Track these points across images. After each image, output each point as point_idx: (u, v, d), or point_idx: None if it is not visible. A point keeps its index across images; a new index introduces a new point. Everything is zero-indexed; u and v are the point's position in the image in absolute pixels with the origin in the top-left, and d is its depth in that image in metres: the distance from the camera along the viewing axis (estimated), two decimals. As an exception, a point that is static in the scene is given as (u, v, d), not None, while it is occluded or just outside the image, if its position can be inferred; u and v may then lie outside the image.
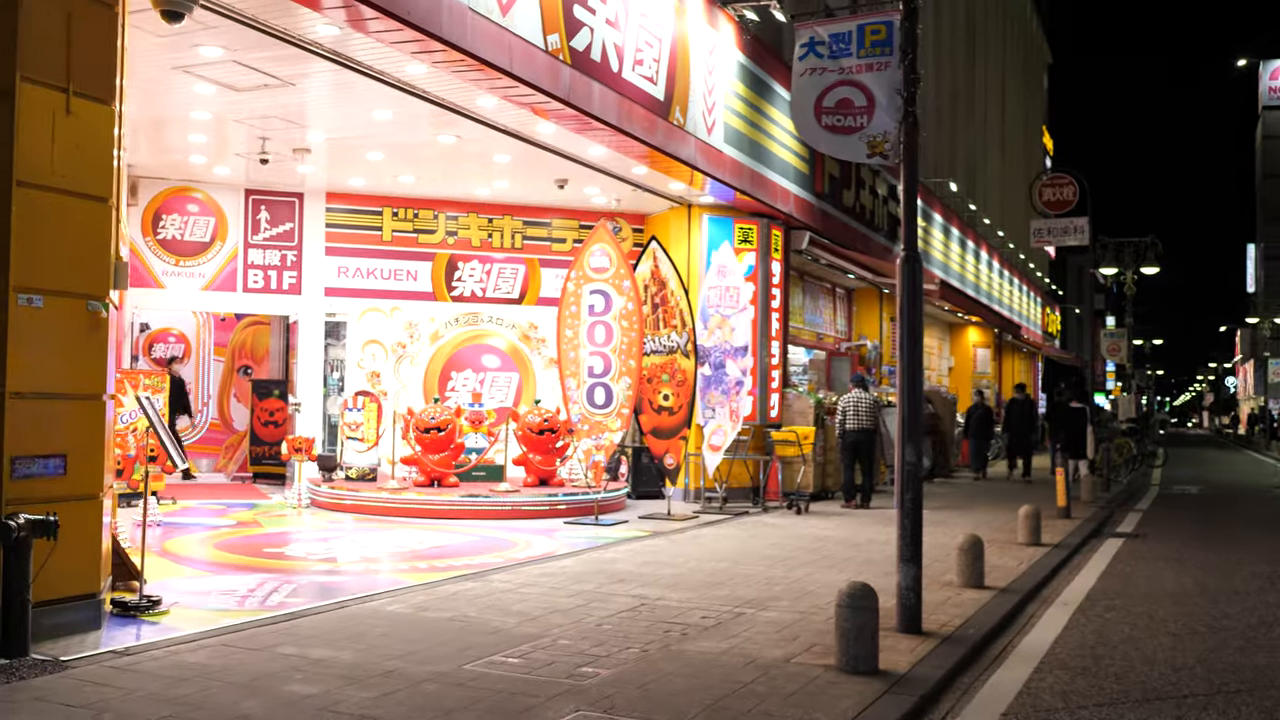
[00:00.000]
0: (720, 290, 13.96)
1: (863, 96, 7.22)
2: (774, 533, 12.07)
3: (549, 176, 14.00)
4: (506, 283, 15.92)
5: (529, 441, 13.86)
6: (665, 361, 13.59)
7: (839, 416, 15.41)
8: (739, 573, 9.19)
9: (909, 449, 6.98)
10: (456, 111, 10.73)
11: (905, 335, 7.07)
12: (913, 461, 6.98)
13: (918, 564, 6.98)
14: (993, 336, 33.96)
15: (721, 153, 13.66)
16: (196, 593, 7.75)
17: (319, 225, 15.05)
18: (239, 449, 17.54)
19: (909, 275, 7.09)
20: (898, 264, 7.15)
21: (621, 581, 8.59)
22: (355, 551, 9.97)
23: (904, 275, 7.11)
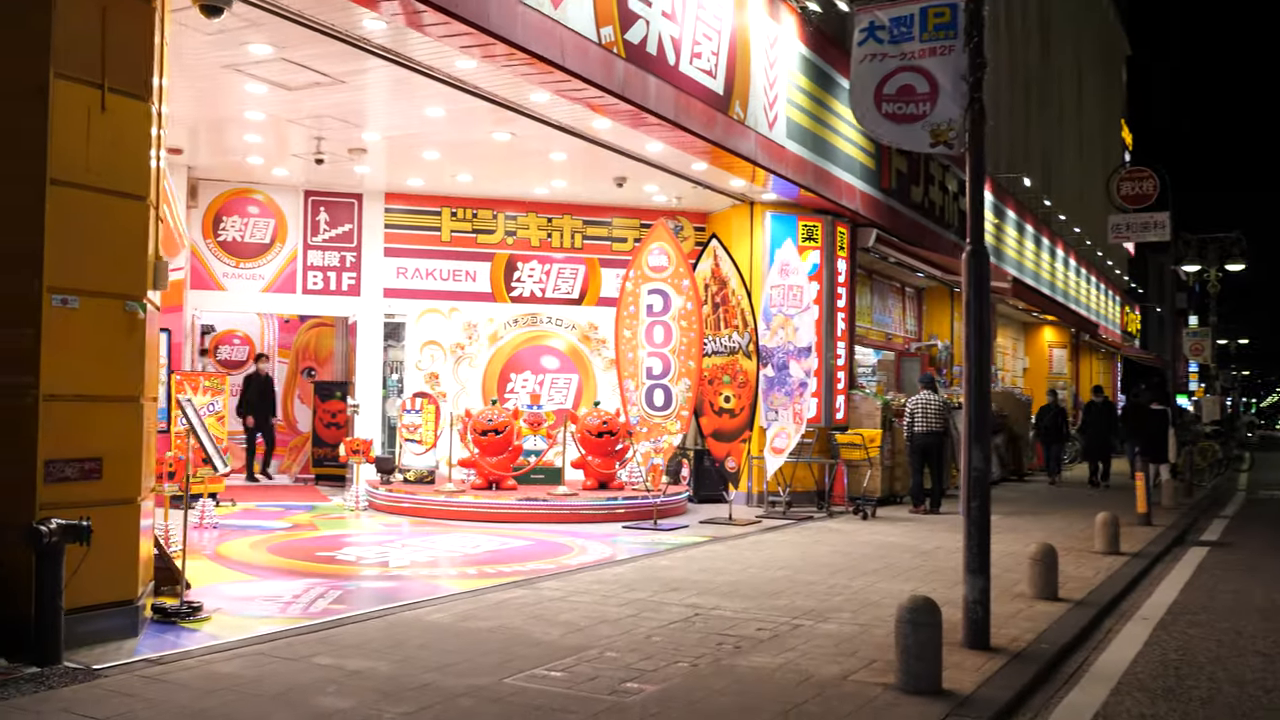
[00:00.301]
0: (783, 289, 13.61)
1: (925, 83, 6.86)
2: (838, 539, 11.69)
3: (607, 174, 13.76)
4: (566, 283, 15.71)
5: (588, 444, 13.64)
6: (726, 362, 13.26)
7: (907, 419, 14.96)
8: (799, 581, 8.85)
9: (975, 452, 6.60)
10: (509, 108, 10.53)
11: (971, 332, 6.69)
12: (979, 466, 6.60)
13: (985, 575, 6.59)
14: (1069, 336, 33.08)
15: (783, 148, 13.30)
16: (241, 598, 7.61)
17: (378, 226, 14.97)
18: (302, 451, 17.53)
19: (974, 270, 6.71)
20: (963, 258, 6.78)
21: (676, 590, 8.30)
22: (407, 556, 9.80)
23: (969, 270, 6.73)
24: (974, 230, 6.79)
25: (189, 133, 12.06)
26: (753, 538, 11.64)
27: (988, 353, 6.72)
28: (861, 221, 16.12)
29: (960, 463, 16.47)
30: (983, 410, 6.65)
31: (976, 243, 6.75)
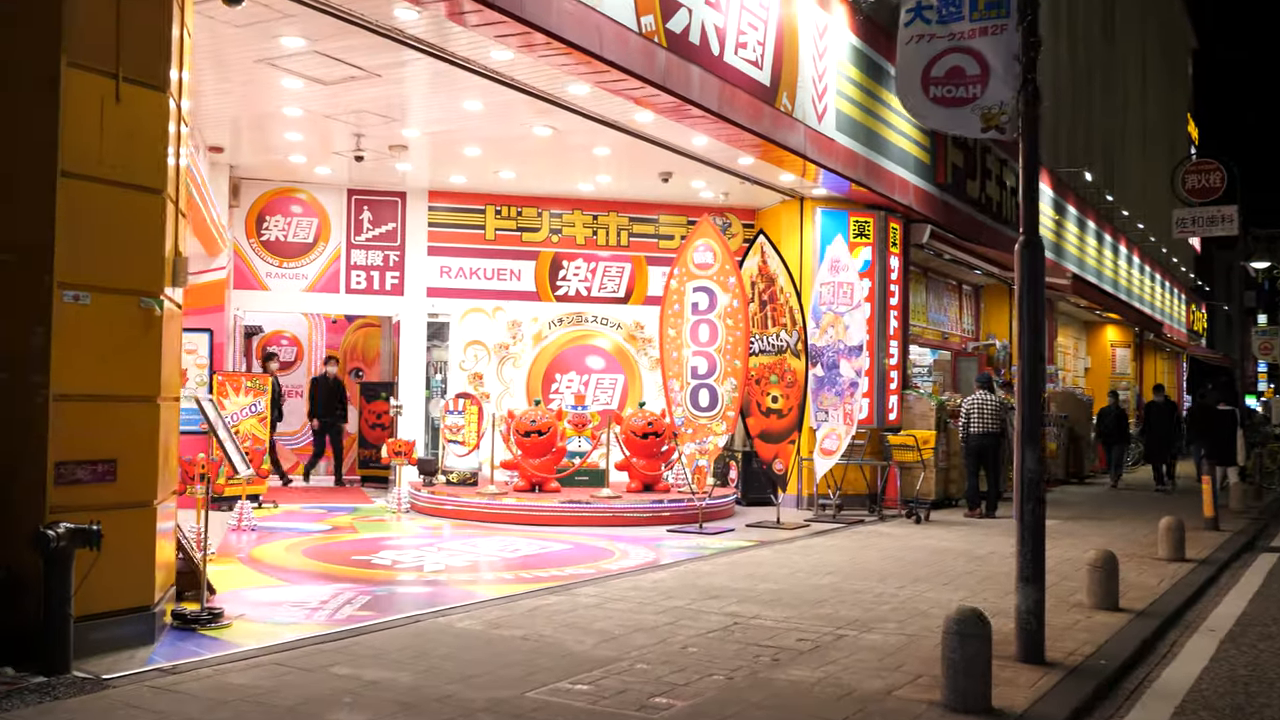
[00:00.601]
0: (833, 286, 13.24)
1: (976, 64, 6.49)
2: (889, 544, 11.30)
3: (652, 170, 13.49)
4: (612, 281, 15.45)
5: (632, 445, 13.36)
6: (774, 362, 12.92)
7: (962, 419, 14.50)
8: (845, 589, 8.50)
9: (1029, 454, 6.22)
10: (549, 100, 10.29)
11: (1024, 329, 6.31)
12: (1033, 469, 6.22)
13: (1040, 585, 6.21)
14: (1133, 335, 32.20)
15: (833, 141, 12.93)
16: (267, 604, 7.43)
17: (421, 224, 14.82)
18: (349, 452, 17.44)
19: (1028, 262, 6.33)
20: (1016, 250, 6.40)
21: (716, 597, 7.99)
22: (443, 560, 9.59)
23: (1022, 262, 6.35)
24: (1028, 220, 6.41)
25: (229, 131, 11.98)
26: (800, 542, 11.29)
27: (1042, 351, 6.34)
28: (915, 217, 15.69)
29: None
30: (1036, 411, 6.27)
31: (1030, 234, 6.37)
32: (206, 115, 11.25)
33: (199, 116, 11.28)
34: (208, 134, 12.01)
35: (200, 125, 11.64)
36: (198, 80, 10.07)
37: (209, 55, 9.29)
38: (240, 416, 13.08)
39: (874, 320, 14.77)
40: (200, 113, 11.15)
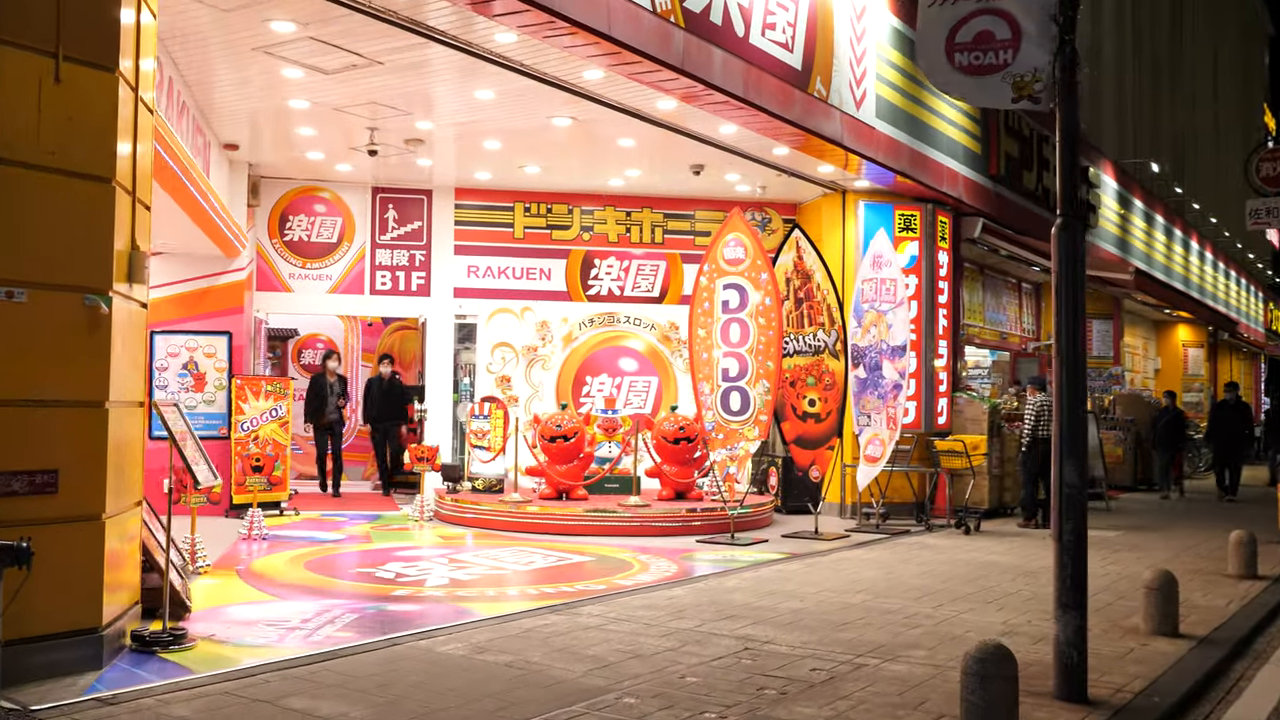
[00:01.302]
0: (875, 283, 12.51)
1: (1006, 27, 5.79)
2: (932, 557, 10.56)
3: (683, 162, 12.87)
4: (646, 280, 14.86)
5: (664, 451, 12.73)
6: (811, 363, 12.23)
7: (1027, 423, 13.55)
8: (875, 608, 7.80)
9: (1068, 467, 5.51)
10: (561, 86, 9.72)
11: (1063, 321, 5.60)
12: (1073, 483, 5.50)
13: (1081, 612, 5.49)
14: (1206, 334, 30.89)
15: (873, 129, 12.21)
16: (245, 622, 6.93)
17: (448, 223, 14.34)
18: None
19: (1066, 246, 5.62)
20: (1053, 233, 5.69)
21: (731, 618, 7.35)
22: (449, 573, 9.04)
23: (1060, 246, 5.64)
24: (1065, 198, 5.70)
25: (242, 127, 11.55)
26: (836, 555, 10.59)
27: (1082, 348, 5.62)
28: (966, 210, 14.89)
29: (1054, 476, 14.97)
30: (1078, 416, 5.55)
31: (1069, 214, 5.66)
32: (216, 111, 10.85)
33: (209, 112, 10.89)
34: (221, 131, 11.61)
35: (212, 121, 11.25)
36: (198, 73, 9.68)
37: (201, 43, 8.87)
38: (260, 421, 12.69)
39: (921, 319, 14.02)
40: (209, 109, 10.76)
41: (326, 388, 14.91)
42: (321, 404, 14.83)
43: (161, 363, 12.73)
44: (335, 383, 15.12)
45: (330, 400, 14.92)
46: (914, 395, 13.89)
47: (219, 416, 12.83)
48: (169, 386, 12.72)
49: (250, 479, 10.83)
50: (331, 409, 14.95)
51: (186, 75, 9.71)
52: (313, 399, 14.94)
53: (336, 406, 15.05)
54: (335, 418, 15.03)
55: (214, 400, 12.85)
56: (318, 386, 14.94)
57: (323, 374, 15.09)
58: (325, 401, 14.85)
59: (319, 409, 14.86)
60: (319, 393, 14.89)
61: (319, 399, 14.85)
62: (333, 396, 14.99)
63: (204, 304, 12.86)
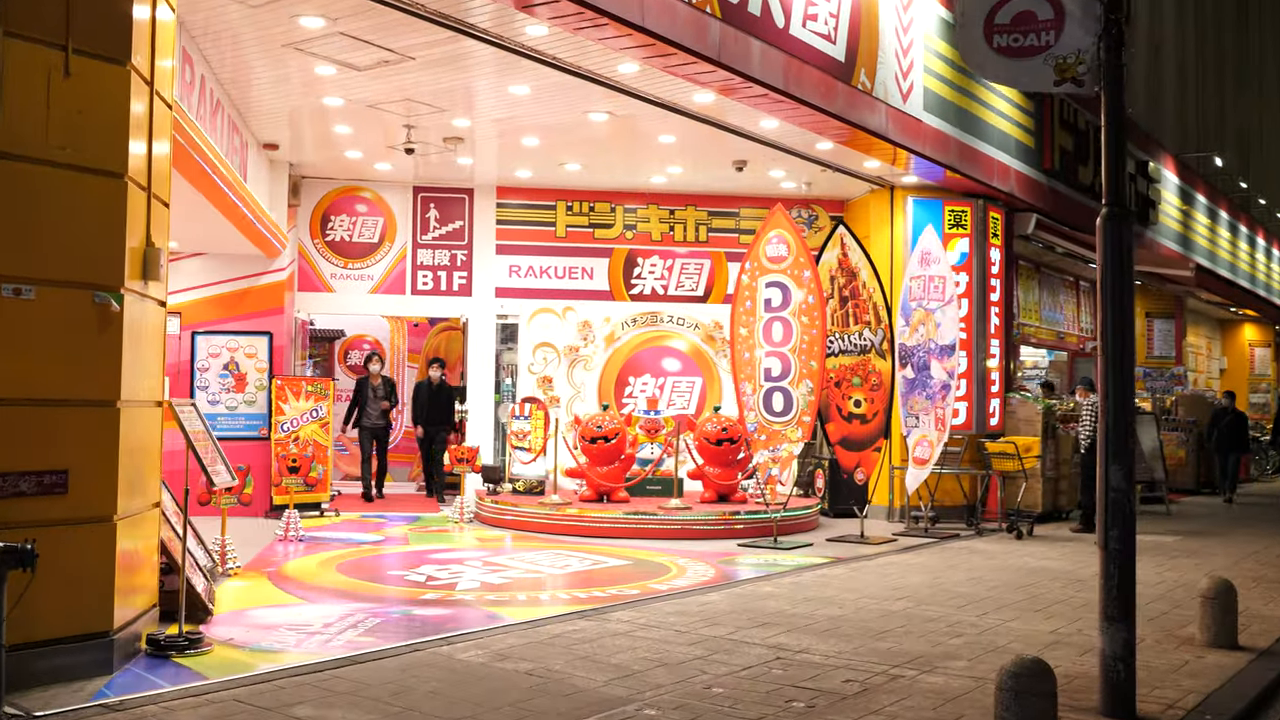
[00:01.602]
0: (923, 281, 12.19)
1: (1048, 7, 5.50)
2: (980, 562, 10.23)
3: (725, 158, 12.64)
4: (690, 279, 14.63)
5: (706, 453, 12.50)
6: (856, 363, 11.94)
7: (1085, 424, 13.10)
8: (917, 616, 7.52)
9: (1114, 471, 5.21)
10: (596, 80, 9.54)
11: (1108, 316, 5.30)
12: (1119, 488, 5.20)
13: (1128, 624, 5.19)
14: (1273, 333, 30.00)
15: (920, 122, 11.89)
16: (266, 626, 6.81)
17: (489, 222, 14.23)
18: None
19: (1113, 237, 5.32)
20: (1098, 223, 5.40)
21: (765, 625, 7.11)
22: (482, 576, 8.88)
23: (1106, 237, 5.34)
24: (1111, 187, 5.40)
25: (279, 126, 11.49)
26: (882, 559, 10.30)
27: (1129, 344, 5.32)
28: (1019, 205, 14.49)
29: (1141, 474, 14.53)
30: (1123, 416, 5.25)
31: (1115, 203, 5.37)
32: (253, 110, 10.81)
33: (246, 112, 10.86)
34: (260, 130, 11.58)
35: (250, 122, 11.22)
36: (231, 71, 9.63)
37: (233, 40, 8.81)
38: (301, 422, 12.65)
39: (971, 317, 13.65)
40: (246, 108, 10.73)
41: (368, 391, 14.50)
42: (362, 409, 14.41)
43: (203, 363, 12.74)
44: (379, 386, 14.63)
45: (372, 404, 14.44)
46: (964, 396, 13.54)
47: (259, 417, 12.82)
48: (210, 387, 12.73)
49: (286, 480, 10.75)
50: (375, 414, 14.42)
51: (220, 74, 9.67)
52: (354, 403, 14.53)
53: (381, 411, 14.49)
54: (381, 423, 14.52)
55: (255, 401, 12.84)
56: (359, 390, 14.59)
57: (366, 377, 14.71)
58: (366, 405, 14.41)
59: (360, 413, 14.43)
60: (361, 396, 14.49)
61: (360, 403, 14.45)
62: (375, 400, 14.49)
63: (245, 304, 12.85)
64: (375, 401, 14.44)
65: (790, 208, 14.52)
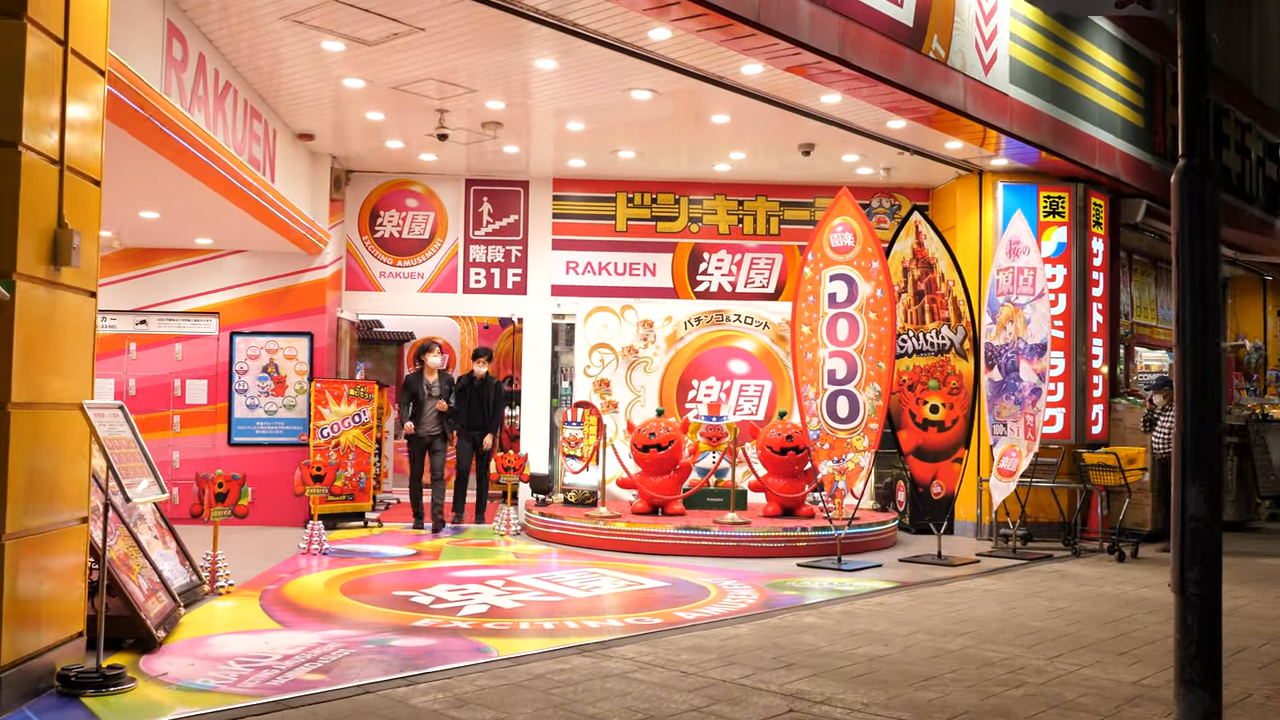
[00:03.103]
0: (1011, 273, 10.98)
1: (1111, -87, 4.41)
2: (1069, 589, 8.99)
3: (790, 141, 11.62)
4: (760, 275, 13.61)
5: (769, 462, 11.48)
6: (933, 364, 10.77)
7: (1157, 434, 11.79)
8: (974, 658, 6.40)
9: (1192, 493, 4.08)
10: (627, 51, 8.64)
11: (1187, 299, 4.17)
12: (1200, 515, 4.07)
13: (1211, 691, 4.04)
14: None
15: (1005, 96, 10.67)
16: (216, 658, 6.04)
17: (545, 216, 13.43)
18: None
19: (1189, 196, 4.19)
20: (1173, 180, 4.27)
21: (790, 666, 6.09)
22: (495, 600, 8.03)
23: (1183, 196, 4.21)
24: (1188, 136, 4.26)
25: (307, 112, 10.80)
26: (955, 585, 9.14)
27: (1215, 328, 4.18)
28: (1125, 191, 13.10)
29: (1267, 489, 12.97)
30: (1205, 426, 4.11)
31: (1193, 155, 4.23)
32: (276, 96, 10.18)
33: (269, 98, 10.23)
34: (289, 118, 10.95)
35: (279, 110, 10.60)
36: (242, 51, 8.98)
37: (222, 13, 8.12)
38: (342, 428, 12.02)
39: (1070, 314, 12.33)
40: (268, 93, 10.10)
41: (423, 390, 12.20)
42: (417, 410, 12.10)
43: (241, 365, 12.21)
44: (436, 383, 12.24)
45: (428, 406, 12.17)
46: (1061, 401, 12.23)
47: (299, 422, 12.22)
48: (248, 390, 12.19)
49: (310, 489, 10.08)
50: (430, 419, 12.12)
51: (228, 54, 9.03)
52: (405, 404, 12.14)
53: (438, 415, 12.16)
54: (436, 430, 12.12)
55: (294, 405, 12.25)
56: (411, 389, 12.21)
57: (419, 372, 12.38)
58: (422, 408, 12.16)
59: (414, 416, 12.05)
60: (413, 396, 12.14)
61: (413, 404, 12.10)
62: (431, 401, 12.15)
63: (285, 304, 12.28)
64: (431, 402, 12.15)
65: (869, 196, 13.44)
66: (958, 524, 12.49)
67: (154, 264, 12.16)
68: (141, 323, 12.17)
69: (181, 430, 12.10)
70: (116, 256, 12.11)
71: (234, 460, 12.00)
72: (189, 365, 12.16)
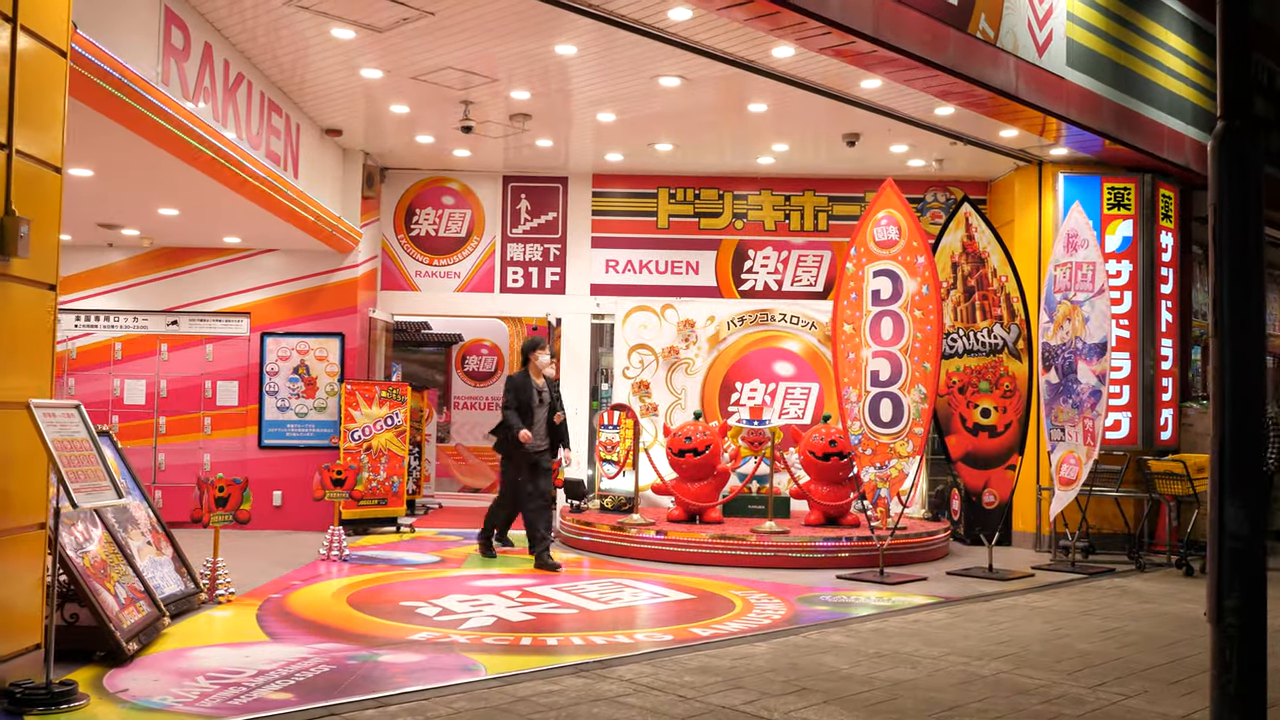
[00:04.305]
0: (1069, 269, 10.32)
1: None
2: (1128, 607, 8.33)
3: (835, 131, 11.08)
4: (808, 273, 13.06)
5: (812, 468, 10.96)
6: (985, 364, 10.14)
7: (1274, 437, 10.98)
8: (1008, 684, 5.83)
9: (1231, 509, 3.51)
10: (649, 33, 8.19)
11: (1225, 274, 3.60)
12: (1240, 533, 3.50)
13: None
14: None
15: (1061, 79, 10.01)
16: (185, 673, 5.69)
17: (585, 213, 13.03)
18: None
19: (1229, 163, 3.62)
20: (1210, 145, 3.70)
21: (800, 692, 5.58)
22: (504, 613, 7.61)
23: (1220, 163, 3.65)
24: (1228, 94, 3.70)
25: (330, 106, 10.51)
26: (1002, 601, 8.52)
27: (1259, 314, 3.60)
28: (1198, 182, 12.30)
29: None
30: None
31: (1234, 116, 3.67)
32: (297, 88, 9.92)
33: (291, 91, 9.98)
34: (313, 112, 10.68)
35: (303, 104, 10.35)
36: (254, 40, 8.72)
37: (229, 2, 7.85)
38: (374, 430, 11.74)
39: (1136, 313, 11.59)
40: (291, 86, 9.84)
41: (532, 394, 9.82)
42: (527, 416, 9.71)
43: (272, 366, 11.98)
44: (545, 388, 10.01)
45: (538, 414, 9.80)
46: (1127, 405, 11.50)
47: (330, 425, 11.96)
48: (279, 392, 11.96)
49: (330, 493, 9.78)
50: (540, 431, 9.82)
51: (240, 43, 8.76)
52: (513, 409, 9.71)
53: (547, 424, 9.93)
54: (543, 445, 9.90)
55: (325, 407, 11.99)
56: (518, 393, 9.77)
57: (525, 373, 9.95)
58: (531, 415, 9.73)
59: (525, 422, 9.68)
60: (523, 404, 9.73)
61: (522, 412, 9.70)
62: (541, 409, 9.84)
63: (316, 304, 12.03)
64: (541, 410, 9.90)
65: (923, 190, 12.85)
66: (1016, 535, 11.83)
67: (185, 263, 11.99)
68: (173, 323, 12.00)
69: (212, 432, 11.91)
70: (148, 256, 11.98)
71: (264, 463, 11.78)
72: (220, 366, 11.97)
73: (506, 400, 9.86)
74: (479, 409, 17.48)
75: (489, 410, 17.21)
